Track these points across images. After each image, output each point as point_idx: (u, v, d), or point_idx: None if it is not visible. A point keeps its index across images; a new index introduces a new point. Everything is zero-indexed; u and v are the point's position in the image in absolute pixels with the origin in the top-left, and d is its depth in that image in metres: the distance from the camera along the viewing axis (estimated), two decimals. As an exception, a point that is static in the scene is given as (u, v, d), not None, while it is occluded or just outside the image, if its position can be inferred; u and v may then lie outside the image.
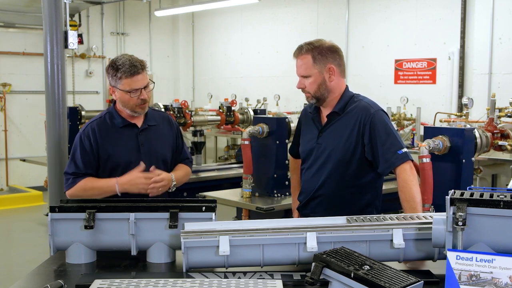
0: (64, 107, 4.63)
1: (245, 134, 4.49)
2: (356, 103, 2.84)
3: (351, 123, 2.81)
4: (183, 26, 11.32)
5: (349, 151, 2.80)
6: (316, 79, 2.80)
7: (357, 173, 2.82)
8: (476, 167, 5.49)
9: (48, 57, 4.54)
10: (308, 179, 2.95)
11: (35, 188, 9.35)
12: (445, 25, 7.48)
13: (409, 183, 2.70)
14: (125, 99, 2.91)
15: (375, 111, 2.80)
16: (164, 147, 3.06)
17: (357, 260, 1.92)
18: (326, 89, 2.82)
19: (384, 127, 2.76)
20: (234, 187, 5.07)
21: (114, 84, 2.91)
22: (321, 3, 8.98)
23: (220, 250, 2.15)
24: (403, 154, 2.72)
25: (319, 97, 2.84)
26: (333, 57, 2.82)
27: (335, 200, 2.86)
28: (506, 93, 6.51)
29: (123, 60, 2.88)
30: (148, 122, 3.03)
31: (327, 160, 2.85)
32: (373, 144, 2.75)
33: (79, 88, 10.33)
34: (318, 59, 2.79)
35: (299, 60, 2.83)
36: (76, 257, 2.41)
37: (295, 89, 2.94)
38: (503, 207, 1.93)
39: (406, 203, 2.70)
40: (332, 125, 2.87)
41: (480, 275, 1.85)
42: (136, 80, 2.86)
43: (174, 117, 5.76)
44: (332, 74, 2.81)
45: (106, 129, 2.98)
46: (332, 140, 2.85)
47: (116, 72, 2.87)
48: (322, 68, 2.80)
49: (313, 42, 2.84)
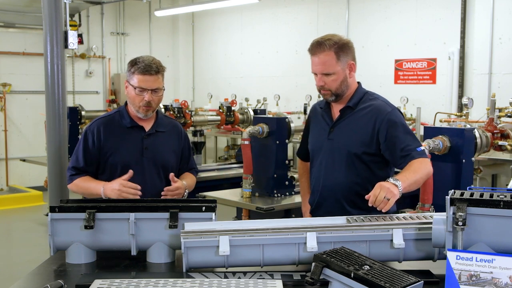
0: (64, 107, 4.63)
1: (245, 134, 4.49)
2: (372, 101, 2.79)
3: (366, 119, 2.75)
4: (183, 26, 11.32)
5: (363, 146, 2.74)
6: (339, 76, 2.72)
7: (370, 168, 2.77)
8: (476, 167, 5.48)
9: (48, 57, 4.54)
10: (320, 177, 2.88)
11: (35, 188, 9.35)
12: (445, 25, 7.48)
13: (420, 164, 2.61)
14: (131, 96, 2.92)
15: (392, 110, 2.76)
16: (168, 154, 3.03)
17: (357, 260, 1.92)
18: (347, 85, 2.76)
19: (402, 126, 2.73)
20: (234, 187, 5.07)
21: (128, 78, 2.94)
22: (321, 3, 8.98)
23: (220, 250, 2.15)
24: (421, 150, 2.69)
25: (339, 93, 2.76)
26: (351, 52, 2.76)
27: (350, 195, 2.79)
28: (506, 93, 6.51)
29: (144, 58, 2.91)
30: (157, 128, 3.02)
31: (339, 155, 2.79)
32: (391, 142, 2.70)
33: (79, 88, 10.34)
34: (341, 56, 2.71)
35: (320, 57, 2.71)
36: (76, 257, 2.41)
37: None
38: (503, 207, 1.93)
39: (409, 169, 2.59)
40: (344, 119, 2.81)
41: (480, 275, 1.85)
42: (146, 79, 2.86)
43: (174, 117, 5.78)
44: (352, 70, 2.77)
45: (112, 128, 2.97)
46: (345, 134, 2.79)
47: (132, 66, 2.90)
48: (344, 65, 2.72)
49: (332, 38, 2.73)
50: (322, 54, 2.70)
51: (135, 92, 2.88)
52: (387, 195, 2.34)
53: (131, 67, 2.91)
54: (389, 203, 2.35)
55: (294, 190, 4.60)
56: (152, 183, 2.93)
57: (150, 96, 2.88)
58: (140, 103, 2.89)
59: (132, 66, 2.90)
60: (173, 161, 3.05)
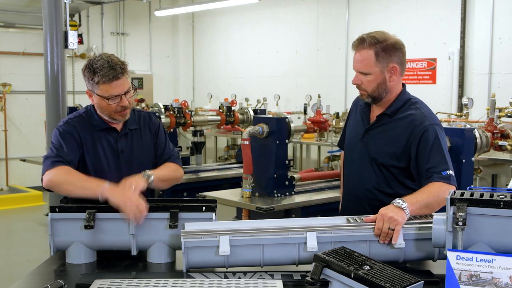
0: (64, 107, 4.64)
1: (245, 134, 4.49)
2: (413, 110, 2.60)
3: (400, 130, 2.59)
4: (183, 26, 11.32)
5: (393, 159, 2.59)
6: (376, 78, 2.56)
7: (398, 180, 2.62)
8: (476, 167, 5.48)
9: (48, 57, 4.54)
10: (349, 176, 2.79)
11: (35, 188, 9.34)
12: (445, 25, 7.48)
13: (439, 188, 2.40)
14: (102, 105, 2.61)
15: (429, 125, 2.55)
16: (147, 154, 2.77)
17: (357, 260, 1.92)
18: (385, 89, 2.59)
19: (435, 144, 2.52)
20: (234, 187, 5.07)
21: (91, 88, 2.60)
22: (321, 3, 8.98)
23: (220, 250, 2.15)
24: (447, 175, 2.47)
25: (376, 97, 2.61)
26: (397, 55, 2.58)
27: (374, 203, 2.60)
28: (506, 93, 6.51)
29: (101, 62, 2.54)
30: (129, 126, 2.73)
31: (369, 161, 2.66)
32: (420, 159, 2.52)
33: (79, 88, 10.32)
34: (382, 57, 2.54)
35: (359, 54, 2.57)
36: (76, 257, 2.41)
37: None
38: (503, 207, 1.93)
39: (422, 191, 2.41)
40: (380, 126, 2.66)
41: (480, 275, 1.85)
42: (115, 85, 2.55)
43: (173, 117, 5.77)
44: (394, 73, 2.58)
45: (85, 129, 2.68)
46: (377, 142, 2.65)
47: (93, 75, 2.55)
48: (384, 67, 2.55)
49: (376, 36, 2.56)
50: (362, 51, 2.57)
51: (107, 102, 2.57)
52: (391, 225, 2.20)
53: (92, 75, 2.55)
54: (395, 234, 2.20)
55: (294, 190, 4.60)
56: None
57: (125, 100, 2.60)
58: (115, 110, 2.61)
59: (94, 75, 2.54)
60: (152, 157, 2.79)
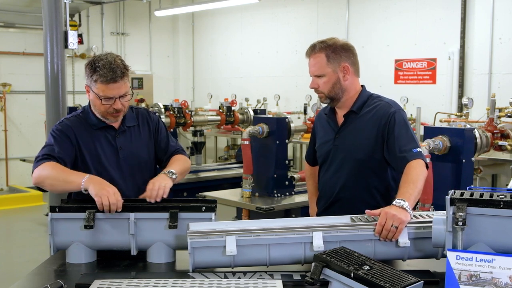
0: (64, 107, 4.64)
1: (245, 134, 4.49)
2: (377, 103, 2.76)
3: (371, 122, 2.72)
4: (183, 26, 11.32)
5: (369, 150, 2.70)
6: (330, 78, 2.72)
7: (377, 173, 2.73)
8: (476, 167, 5.48)
9: (48, 57, 4.55)
10: (327, 182, 2.86)
11: (35, 188, 9.34)
12: (445, 25, 7.48)
13: (416, 170, 2.53)
14: (96, 103, 2.64)
15: (396, 110, 2.71)
16: (146, 150, 2.78)
17: (357, 260, 1.92)
18: (341, 88, 2.74)
19: (402, 126, 2.67)
20: (234, 187, 5.08)
21: (88, 83, 2.62)
22: (321, 3, 8.98)
23: (227, 250, 2.15)
24: (417, 152, 2.62)
25: (333, 97, 2.75)
26: (347, 55, 2.74)
27: (356, 202, 2.73)
28: (506, 93, 6.51)
29: (104, 62, 2.55)
30: (127, 123, 2.75)
31: (346, 161, 2.76)
32: (390, 142, 2.66)
33: (79, 88, 10.32)
34: (332, 58, 2.70)
35: (312, 59, 2.74)
36: (76, 257, 2.41)
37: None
38: (503, 207, 1.93)
39: (405, 183, 2.48)
40: (349, 125, 2.78)
41: (480, 275, 1.85)
42: (112, 87, 2.56)
43: (173, 117, 5.77)
44: (347, 73, 2.73)
45: (83, 129, 2.70)
46: (350, 140, 2.76)
47: (93, 73, 2.56)
48: (336, 67, 2.71)
49: (326, 40, 2.74)
50: (314, 55, 2.73)
51: (101, 101, 2.59)
52: (395, 223, 2.23)
53: (91, 72, 2.57)
54: (398, 231, 2.23)
55: (294, 190, 4.60)
56: (132, 182, 2.73)
57: (119, 103, 2.60)
58: (107, 111, 2.62)
59: (94, 72, 2.56)
60: (151, 153, 2.82)
